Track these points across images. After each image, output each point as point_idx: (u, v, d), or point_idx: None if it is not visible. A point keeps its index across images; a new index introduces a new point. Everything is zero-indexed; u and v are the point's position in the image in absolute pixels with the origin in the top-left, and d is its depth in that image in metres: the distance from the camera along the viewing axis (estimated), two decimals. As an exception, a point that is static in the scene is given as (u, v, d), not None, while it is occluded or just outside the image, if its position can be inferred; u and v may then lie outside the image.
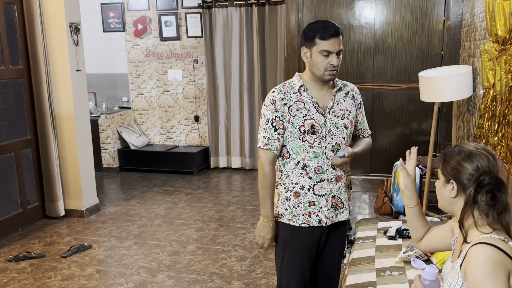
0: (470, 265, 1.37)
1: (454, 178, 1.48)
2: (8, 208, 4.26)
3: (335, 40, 2.04)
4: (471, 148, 1.49)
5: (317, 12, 5.36)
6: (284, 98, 2.12)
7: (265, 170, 2.15)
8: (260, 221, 2.20)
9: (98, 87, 6.65)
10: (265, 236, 2.18)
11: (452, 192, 1.49)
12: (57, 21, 4.35)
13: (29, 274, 3.49)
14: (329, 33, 2.04)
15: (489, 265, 1.33)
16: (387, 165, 5.30)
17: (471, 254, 1.38)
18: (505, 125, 2.87)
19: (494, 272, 1.32)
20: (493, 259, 1.34)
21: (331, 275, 2.33)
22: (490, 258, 1.34)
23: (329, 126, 2.13)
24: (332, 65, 2.05)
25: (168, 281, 3.35)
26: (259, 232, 2.20)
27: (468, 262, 1.38)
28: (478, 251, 1.36)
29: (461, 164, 1.46)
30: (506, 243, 1.38)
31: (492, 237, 1.38)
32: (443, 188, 1.52)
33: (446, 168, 1.51)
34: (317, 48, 2.06)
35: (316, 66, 2.08)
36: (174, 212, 4.77)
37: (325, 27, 2.05)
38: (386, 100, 5.35)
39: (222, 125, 6.32)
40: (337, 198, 2.20)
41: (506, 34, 2.85)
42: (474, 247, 1.38)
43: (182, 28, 6.26)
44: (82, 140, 4.62)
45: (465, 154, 1.47)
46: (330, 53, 2.05)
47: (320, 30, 2.05)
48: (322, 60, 2.06)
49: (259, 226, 2.20)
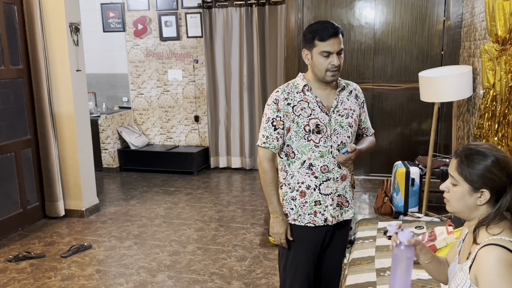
0: (482, 267, 1.36)
1: (488, 186, 1.41)
2: (8, 208, 4.26)
3: (334, 40, 2.04)
4: (491, 151, 1.43)
5: (317, 12, 5.36)
6: (288, 98, 2.12)
7: (264, 167, 2.15)
8: (271, 219, 2.20)
9: (98, 87, 6.65)
10: (279, 231, 2.17)
11: (481, 200, 1.43)
12: (57, 21, 4.35)
13: (29, 274, 3.49)
14: (327, 34, 2.04)
15: (503, 267, 1.32)
16: (387, 165, 5.30)
17: (481, 256, 1.37)
18: (505, 125, 2.87)
19: (509, 273, 1.32)
20: (505, 261, 1.33)
21: (332, 274, 2.34)
22: (502, 259, 1.33)
23: (334, 125, 2.13)
24: (333, 65, 2.06)
25: (168, 281, 3.35)
26: (272, 230, 2.18)
27: (479, 265, 1.37)
28: (488, 253, 1.35)
29: (493, 172, 1.40)
30: None
31: (502, 239, 1.37)
32: (469, 196, 1.44)
33: (471, 175, 1.43)
34: (317, 49, 2.06)
35: (318, 68, 2.09)
36: (174, 212, 4.77)
37: (324, 28, 2.05)
38: (386, 100, 5.35)
39: (222, 125, 6.32)
40: (342, 197, 2.21)
41: (506, 34, 2.85)
42: (484, 248, 1.37)
43: (182, 28, 6.26)
44: (82, 140, 4.62)
45: (493, 160, 1.41)
46: (330, 53, 2.05)
47: (318, 32, 2.05)
48: (323, 61, 2.06)
49: (271, 224, 2.19)
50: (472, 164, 1.43)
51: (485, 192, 1.42)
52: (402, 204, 4.38)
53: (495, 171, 1.40)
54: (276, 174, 2.20)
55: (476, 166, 1.42)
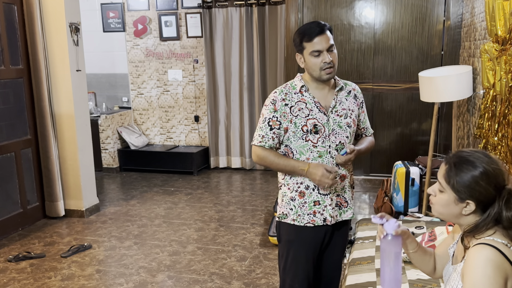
0: (470, 264, 1.34)
1: (474, 198, 1.38)
2: (8, 208, 4.26)
3: (321, 38, 2.05)
4: (482, 162, 1.39)
5: (317, 12, 5.35)
6: (286, 98, 2.13)
7: (262, 155, 2.14)
8: (307, 173, 2.08)
9: (98, 87, 6.65)
10: (317, 173, 2.05)
11: (466, 210, 1.41)
12: (57, 21, 4.35)
13: (29, 274, 3.49)
14: (313, 33, 2.05)
15: (489, 267, 1.31)
16: (387, 165, 5.30)
17: (471, 254, 1.36)
18: (505, 125, 2.87)
19: (494, 274, 1.30)
20: (494, 261, 1.31)
21: (332, 274, 2.33)
22: (491, 259, 1.31)
23: (332, 125, 2.13)
24: (326, 62, 2.06)
25: (168, 281, 3.35)
26: (315, 178, 2.07)
27: (467, 261, 1.36)
28: (478, 252, 1.34)
29: (480, 184, 1.37)
30: (508, 248, 1.35)
31: (494, 240, 1.36)
32: (454, 205, 1.42)
33: (457, 184, 1.40)
34: (307, 51, 2.08)
35: (312, 68, 2.09)
36: (174, 212, 4.77)
37: (309, 28, 2.07)
38: (386, 100, 5.34)
39: (222, 125, 6.32)
40: (341, 197, 2.21)
41: (506, 34, 2.85)
42: (475, 246, 1.37)
43: (182, 28, 6.26)
44: (82, 140, 4.62)
45: (482, 171, 1.37)
46: (320, 52, 2.05)
47: (304, 33, 2.07)
48: (315, 60, 2.07)
49: (311, 177, 2.08)
50: (460, 173, 1.40)
51: (470, 204, 1.40)
52: (402, 204, 4.38)
53: (482, 183, 1.37)
54: (274, 152, 2.15)
55: (463, 176, 1.39)
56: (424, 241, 2.64)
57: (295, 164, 2.10)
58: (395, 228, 1.50)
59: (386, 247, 1.53)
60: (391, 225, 1.51)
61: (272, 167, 2.17)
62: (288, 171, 2.14)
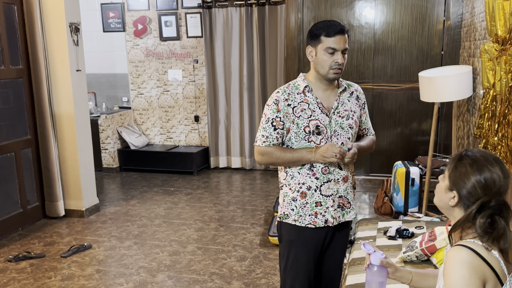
0: (447, 266, 1.35)
1: (457, 189, 1.41)
2: (8, 208, 4.26)
3: (340, 37, 2.05)
4: (485, 163, 1.39)
5: (317, 12, 5.36)
6: (288, 98, 2.12)
7: (267, 151, 2.12)
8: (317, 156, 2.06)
9: (98, 87, 6.65)
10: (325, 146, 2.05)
11: (452, 201, 1.43)
12: (57, 21, 4.35)
13: (29, 274, 3.49)
14: (334, 30, 2.04)
15: (465, 268, 1.31)
16: (387, 165, 5.30)
17: (448, 255, 1.36)
18: (505, 125, 2.87)
19: (470, 276, 1.30)
20: (469, 263, 1.31)
21: (333, 274, 2.33)
22: (466, 261, 1.32)
23: (334, 126, 2.13)
24: (337, 63, 2.05)
25: (168, 281, 3.35)
26: (325, 154, 2.04)
27: (445, 262, 1.37)
28: (455, 253, 1.35)
29: (469, 178, 1.38)
30: (489, 251, 1.34)
31: (474, 242, 1.35)
32: (444, 192, 1.46)
33: (454, 173, 1.43)
34: (323, 45, 2.06)
35: (321, 64, 2.08)
36: (174, 212, 4.77)
37: (331, 25, 2.07)
38: (386, 100, 5.35)
39: (222, 125, 6.32)
40: (343, 198, 2.20)
41: (506, 34, 2.85)
42: (454, 247, 1.37)
43: (182, 28, 6.26)
44: (82, 140, 4.62)
45: (477, 168, 1.38)
46: (336, 50, 2.05)
47: (325, 28, 2.06)
48: (327, 58, 2.06)
49: (320, 151, 2.06)
50: (461, 164, 1.42)
51: (455, 194, 1.42)
52: (402, 204, 4.38)
53: (472, 178, 1.38)
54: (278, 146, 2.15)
55: (461, 167, 1.41)
56: (424, 241, 2.64)
57: (302, 151, 2.09)
58: (381, 259, 1.55)
59: (371, 278, 1.57)
60: (377, 257, 1.55)
61: (279, 161, 2.14)
62: (296, 161, 2.11)
